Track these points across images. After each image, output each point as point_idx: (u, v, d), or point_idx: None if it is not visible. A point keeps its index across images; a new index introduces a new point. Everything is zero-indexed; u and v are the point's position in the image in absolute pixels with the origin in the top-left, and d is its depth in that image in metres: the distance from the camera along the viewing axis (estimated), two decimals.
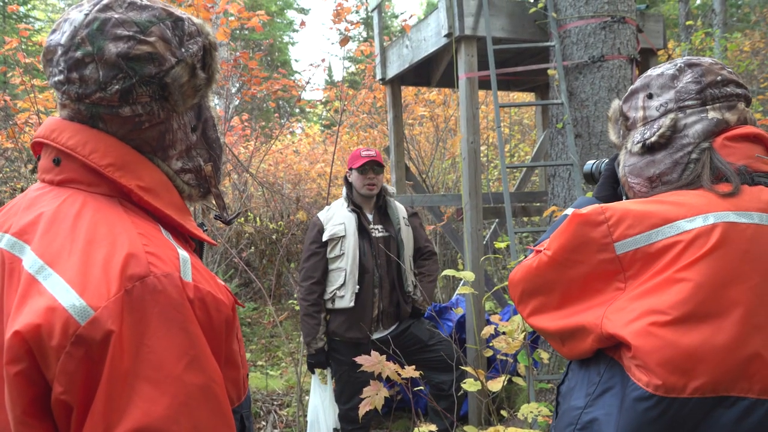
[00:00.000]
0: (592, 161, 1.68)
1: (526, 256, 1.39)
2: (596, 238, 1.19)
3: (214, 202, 1.16)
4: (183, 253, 0.92)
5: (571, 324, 1.22)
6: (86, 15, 0.93)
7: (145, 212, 0.96)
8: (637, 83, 1.34)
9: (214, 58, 1.05)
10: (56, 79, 0.95)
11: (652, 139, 1.25)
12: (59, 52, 0.94)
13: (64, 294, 0.79)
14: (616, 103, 1.41)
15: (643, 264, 1.14)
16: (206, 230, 1.16)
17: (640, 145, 1.28)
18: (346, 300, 3.26)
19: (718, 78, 1.23)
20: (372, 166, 3.32)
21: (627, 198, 1.40)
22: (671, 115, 1.24)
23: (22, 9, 12.59)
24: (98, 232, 0.86)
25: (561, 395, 1.34)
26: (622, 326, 1.11)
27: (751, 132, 1.21)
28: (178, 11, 1.02)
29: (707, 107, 1.22)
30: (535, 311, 1.32)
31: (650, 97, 1.29)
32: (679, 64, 1.26)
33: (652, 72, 1.32)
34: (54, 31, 0.97)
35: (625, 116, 1.37)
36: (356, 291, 3.26)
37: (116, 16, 0.93)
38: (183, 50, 0.98)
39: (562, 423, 1.27)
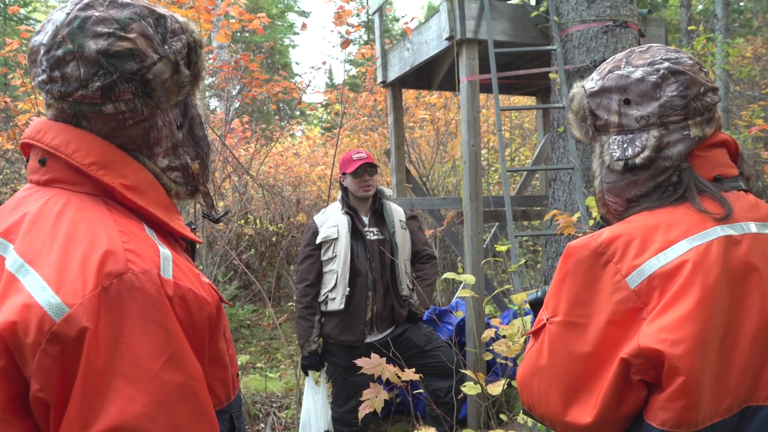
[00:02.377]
0: (534, 291, 1.55)
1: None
2: (607, 280, 1.09)
3: (202, 200, 1.16)
4: (165, 251, 0.92)
5: (612, 385, 1.05)
6: (67, 14, 0.94)
7: (130, 210, 0.96)
8: (610, 81, 1.21)
9: (200, 56, 1.05)
10: (40, 78, 0.96)
11: (637, 160, 1.18)
12: (42, 51, 0.94)
13: (40, 291, 0.80)
14: (581, 96, 1.27)
15: (660, 290, 1.05)
16: (194, 229, 1.15)
17: (622, 164, 1.20)
18: (336, 302, 3.25)
19: (701, 89, 1.16)
20: (365, 168, 3.32)
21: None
22: (655, 132, 1.16)
23: (22, 11, 12.61)
24: (78, 230, 0.86)
25: None
26: (660, 342, 1.01)
27: (718, 140, 1.19)
28: (161, 9, 1.02)
29: (689, 122, 1.16)
30: (568, 402, 1.11)
31: (627, 103, 1.19)
32: (662, 71, 1.16)
33: (629, 72, 1.20)
34: (38, 32, 0.97)
35: (594, 114, 1.25)
36: (347, 293, 3.25)
37: (96, 14, 0.94)
38: (166, 47, 0.98)
39: None
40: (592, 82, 1.26)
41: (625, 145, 1.20)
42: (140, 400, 0.79)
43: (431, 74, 5.15)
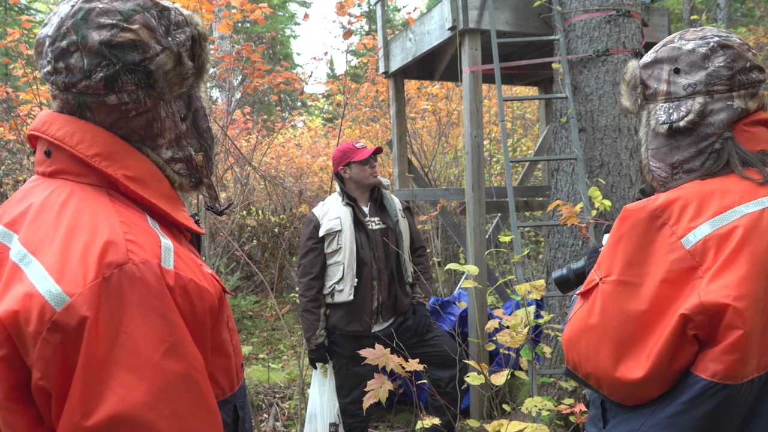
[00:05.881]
0: (560, 270, 1.60)
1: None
2: (662, 241, 1.14)
3: (205, 192, 1.17)
4: (166, 241, 0.92)
5: (668, 341, 1.09)
6: (72, 6, 0.96)
7: (133, 202, 0.97)
8: (663, 53, 1.30)
9: (204, 49, 1.06)
10: (45, 70, 0.97)
11: (681, 123, 1.24)
12: (47, 43, 0.96)
13: (41, 281, 0.81)
14: (634, 67, 1.36)
15: (715, 251, 1.10)
16: (198, 220, 1.16)
17: (666, 126, 1.27)
18: (345, 294, 3.26)
19: (747, 64, 1.23)
20: (371, 155, 3.34)
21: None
22: (700, 99, 1.23)
23: (23, 1, 12.56)
24: (80, 221, 0.87)
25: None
26: (725, 297, 1.05)
27: (763, 117, 1.25)
28: (165, 1, 1.03)
29: (733, 94, 1.23)
30: (618, 359, 1.14)
31: (677, 72, 1.27)
32: (711, 44, 1.24)
33: (681, 45, 1.27)
34: (45, 24, 0.99)
35: (644, 84, 1.33)
36: (355, 284, 3.26)
37: (100, 5, 0.95)
38: (169, 39, 0.99)
39: None
40: (646, 57, 1.35)
41: (671, 111, 1.27)
42: (140, 388, 0.80)
43: (433, 65, 5.14)
